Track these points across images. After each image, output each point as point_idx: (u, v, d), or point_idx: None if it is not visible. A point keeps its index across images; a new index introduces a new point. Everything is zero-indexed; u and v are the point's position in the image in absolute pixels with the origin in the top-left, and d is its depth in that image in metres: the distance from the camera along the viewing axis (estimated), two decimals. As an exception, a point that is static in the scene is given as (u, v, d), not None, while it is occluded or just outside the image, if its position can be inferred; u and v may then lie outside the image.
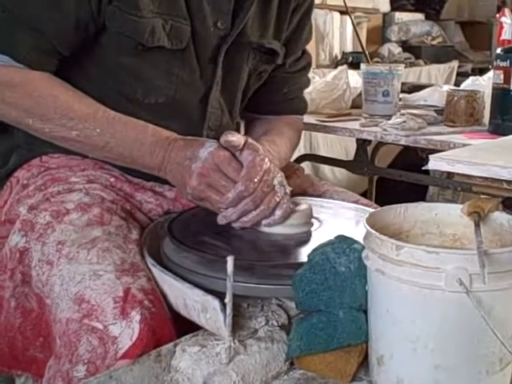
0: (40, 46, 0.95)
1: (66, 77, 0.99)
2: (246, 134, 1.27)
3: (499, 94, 1.43)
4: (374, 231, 0.67)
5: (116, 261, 0.84)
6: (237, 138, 0.90)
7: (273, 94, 1.25)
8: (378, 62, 4.03)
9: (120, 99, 1.02)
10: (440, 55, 4.75)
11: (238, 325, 0.73)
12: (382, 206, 0.78)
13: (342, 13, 4.30)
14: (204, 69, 1.06)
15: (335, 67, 2.76)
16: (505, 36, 2.23)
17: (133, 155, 0.96)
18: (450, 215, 0.77)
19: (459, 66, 4.70)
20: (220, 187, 0.90)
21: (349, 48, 4.48)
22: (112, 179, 1.03)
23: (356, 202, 1.12)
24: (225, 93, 1.12)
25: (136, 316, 0.77)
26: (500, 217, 0.74)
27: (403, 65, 1.84)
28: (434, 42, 4.95)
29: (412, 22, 5.06)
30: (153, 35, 0.97)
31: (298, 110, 1.30)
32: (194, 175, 0.91)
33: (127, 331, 0.76)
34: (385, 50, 4.64)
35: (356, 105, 1.83)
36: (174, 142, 0.96)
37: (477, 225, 0.70)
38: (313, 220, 0.94)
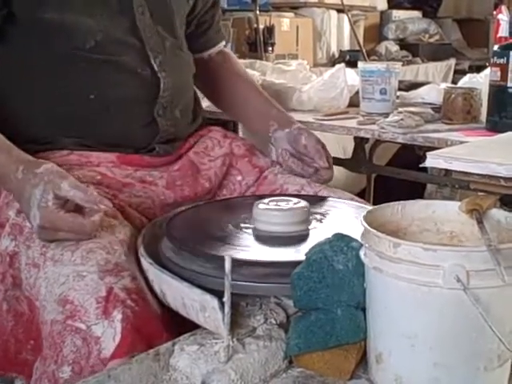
0: None
1: None
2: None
3: (496, 91, 1.43)
4: (371, 229, 0.67)
5: (100, 261, 0.84)
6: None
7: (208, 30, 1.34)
8: (375, 59, 4.04)
9: (53, 55, 1.04)
10: (437, 53, 4.75)
11: (236, 323, 0.73)
12: (379, 203, 0.78)
13: (339, 11, 4.30)
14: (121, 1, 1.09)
15: (332, 65, 2.75)
16: (502, 33, 2.22)
17: None
18: (447, 212, 0.77)
19: (456, 64, 4.71)
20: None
21: (346, 46, 4.49)
22: (99, 177, 1.03)
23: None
24: (161, 21, 1.15)
25: (118, 315, 0.77)
26: (497, 214, 0.74)
27: (400, 63, 1.84)
28: (432, 40, 4.95)
29: (409, 19, 5.06)
30: None
31: (223, 38, 1.40)
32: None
33: (109, 331, 0.76)
34: (382, 47, 4.64)
35: (353, 103, 1.83)
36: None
37: (480, 222, 0.70)
38: (310, 218, 0.94)
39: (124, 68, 1.07)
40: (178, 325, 0.80)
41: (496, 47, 1.49)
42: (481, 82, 1.70)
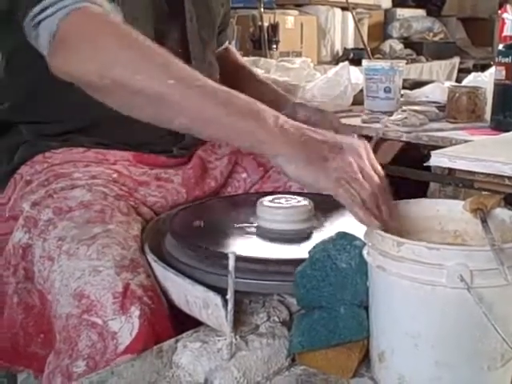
0: None
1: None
2: None
3: (501, 90, 1.43)
4: (375, 227, 0.67)
5: (116, 257, 0.84)
6: None
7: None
8: (379, 58, 4.04)
9: None
10: (441, 51, 4.75)
11: (239, 321, 0.73)
12: (383, 202, 0.77)
13: (344, 9, 4.31)
14: (173, 7, 1.07)
15: (336, 63, 2.75)
16: (507, 32, 2.22)
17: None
18: (451, 211, 0.77)
19: (461, 63, 4.71)
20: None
21: (350, 44, 4.49)
22: (115, 175, 1.03)
23: None
24: (204, 27, 1.14)
25: (136, 311, 0.77)
26: (501, 213, 0.74)
27: (405, 61, 1.83)
28: (436, 39, 4.95)
29: (413, 18, 5.07)
30: None
31: (228, 37, 1.39)
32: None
33: (127, 326, 0.76)
34: (386, 46, 4.64)
35: (357, 101, 1.82)
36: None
37: (484, 221, 0.70)
38: (313, 216, 0.94)
39: None
40: (181, 322, 0.81)
41: (501, 46, 1.49)
42: (485, 80, 1.70)
